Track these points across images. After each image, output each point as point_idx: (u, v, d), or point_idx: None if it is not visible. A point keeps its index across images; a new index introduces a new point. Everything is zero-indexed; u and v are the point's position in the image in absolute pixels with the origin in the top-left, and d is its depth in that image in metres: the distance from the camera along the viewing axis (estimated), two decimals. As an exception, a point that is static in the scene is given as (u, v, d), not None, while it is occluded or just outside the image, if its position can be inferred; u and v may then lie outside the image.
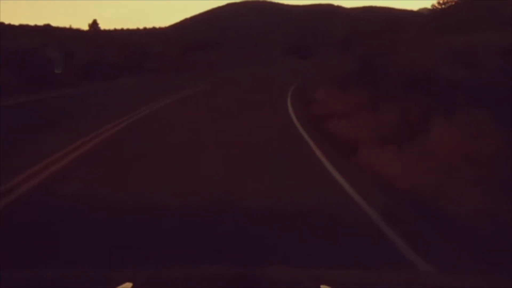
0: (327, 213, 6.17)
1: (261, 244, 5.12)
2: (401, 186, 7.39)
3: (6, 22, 74.61)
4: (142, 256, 4.66)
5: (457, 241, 5.37)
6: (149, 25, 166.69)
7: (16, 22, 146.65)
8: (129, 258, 4.57)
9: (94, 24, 69.54)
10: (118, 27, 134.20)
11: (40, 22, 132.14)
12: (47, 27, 67.36)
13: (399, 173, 7.84)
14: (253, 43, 76.18)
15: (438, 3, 34.03)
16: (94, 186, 7.37)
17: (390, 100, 12.18)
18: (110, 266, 4.17)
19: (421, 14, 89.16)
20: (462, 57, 14.70)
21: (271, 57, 59.44)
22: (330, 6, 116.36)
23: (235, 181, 7.72)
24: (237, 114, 16.21)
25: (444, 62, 14.37)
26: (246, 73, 40.47)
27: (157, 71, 36.73)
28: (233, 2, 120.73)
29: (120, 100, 20.48)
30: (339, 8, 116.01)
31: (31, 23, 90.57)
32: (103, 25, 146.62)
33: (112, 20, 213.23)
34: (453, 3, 32.72)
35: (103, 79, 29.86)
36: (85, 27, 70.71)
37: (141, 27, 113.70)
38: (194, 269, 2.35)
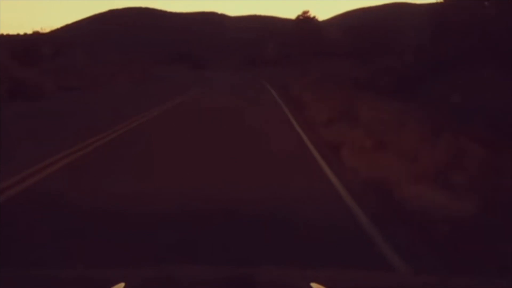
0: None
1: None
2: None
3: None
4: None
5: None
6: (29, 30, 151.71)
7: None
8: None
9: None
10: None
11: None
12: None
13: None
14: (133, 50, 72.41)
15: None
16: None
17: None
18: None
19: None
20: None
21: (149, 66, 52.14)
22: (214, 14, 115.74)
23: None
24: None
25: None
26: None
27: None
28: (115, 9, 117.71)
29: None
30: (223, 16, 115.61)
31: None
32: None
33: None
34: None
35: None
36: None
37: (21, 32, 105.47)
38: (190, 269, 2.34)
